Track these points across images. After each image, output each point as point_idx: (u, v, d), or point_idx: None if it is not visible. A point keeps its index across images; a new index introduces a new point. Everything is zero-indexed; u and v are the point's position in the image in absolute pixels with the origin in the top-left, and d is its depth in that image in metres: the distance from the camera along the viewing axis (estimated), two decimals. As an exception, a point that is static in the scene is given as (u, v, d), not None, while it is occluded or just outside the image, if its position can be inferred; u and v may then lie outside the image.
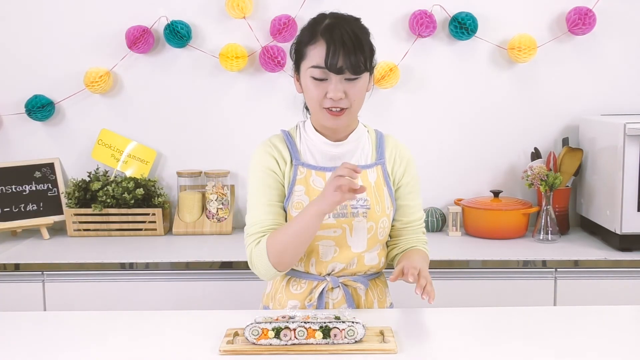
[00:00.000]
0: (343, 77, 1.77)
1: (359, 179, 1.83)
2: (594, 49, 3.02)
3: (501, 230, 2.87)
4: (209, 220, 3.02)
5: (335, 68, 1.75)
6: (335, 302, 1.91)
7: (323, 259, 1.89)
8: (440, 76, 3.06)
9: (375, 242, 1.90)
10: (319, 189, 1.86)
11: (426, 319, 1.78)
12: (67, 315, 1.95)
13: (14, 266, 2.61)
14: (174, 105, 3.09)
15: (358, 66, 1.76)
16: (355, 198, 1.79)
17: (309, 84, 1.80)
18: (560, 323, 1.83)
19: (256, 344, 1.62)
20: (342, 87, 1.78)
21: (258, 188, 1.88)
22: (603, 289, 2.59)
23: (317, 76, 1.78)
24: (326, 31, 1.77)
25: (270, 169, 1.88)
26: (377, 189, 1.90)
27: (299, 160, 1.89)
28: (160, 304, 2.58)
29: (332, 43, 1.75)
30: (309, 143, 1.90)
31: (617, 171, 2.64)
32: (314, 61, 1.78)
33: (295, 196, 1.87)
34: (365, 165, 1.91)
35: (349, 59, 1.75)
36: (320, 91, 1.79)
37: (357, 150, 1.90)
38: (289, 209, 1.87)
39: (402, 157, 1.95)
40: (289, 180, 1.88)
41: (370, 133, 1.96)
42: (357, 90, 1.80)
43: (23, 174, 3.03)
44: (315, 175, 1.88)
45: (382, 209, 1.89)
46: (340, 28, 1.77)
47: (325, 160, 1.89)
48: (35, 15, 3.03)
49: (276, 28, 2.94)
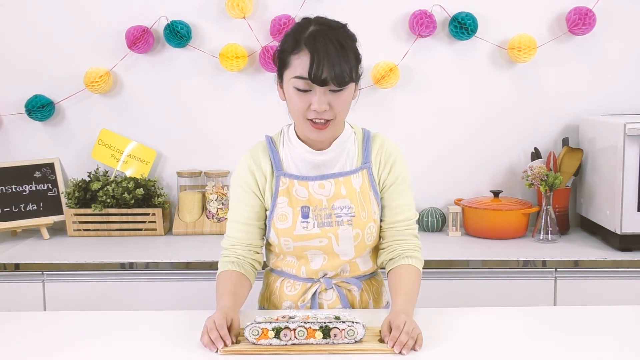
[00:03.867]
0: (327, 89, 1.72)
1: (342, 187, 1.84)
2: (594, 49, 3.02)
3: (501, 230, 2.87)
4: (209, 220, 3.02)
5: (319, 80, 1.69)
6: (329, 304, 1.91)
7: (312, 266, 1.89)
8: (440, 76, 3.05)
9: (364, 248, 1.89)
10: (302, 198, 1.85)
11: (426, 319, 1.78)
12: (67, 315, 1.95)
13: (14, 266, 2.61)
14: (174, 105, 3.09)
15: (343, 78, 1.70)
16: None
17: (292, 95, 1.75)
18: (560, 323, 1.83)
19: (256, 344, 1.62)
20: (327, 99, 1.72)
21: (236, 205, 1.91)
22: (603, 289, 2.59)
23: (301, 87, 1.72)
24: (310, 40, 1.71)
25: (249, 187, 1.88)
26: (362, 194, 1.86)
27: (280, 170, 1.87)
28: (160, 304, 2.58)
29: (315, 53, 1.68)
30: (292, 151, 1.87)
31: (617, 171, 2.64)
32: (297, 72, 1.72)
33: (278, 208, 1.86)
34: (350, 170, 1.86)
35: (334, 70, 1.69)
36: (303, 102, 1.74)
37: (341, 157, 1.86)
38: (274, 220, 1.86)
39: (387, 158, 1.89)
40: (271, 192, 1.87)
41: (357, 134, 1.90)
42: (341, 102, 1.75)
43: (23, 174, 3.03)
44: (298, 185, 1.86)
45: (368, 214, 1.86)
46: (325, 37, 1.70)
47: (309, 168, 1.86)
48: (35, 16, 3.03)
49: (276, 28, 2.94)
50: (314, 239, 1.85)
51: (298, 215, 1.84)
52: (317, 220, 1.84)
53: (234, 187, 1.91)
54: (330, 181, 1.85)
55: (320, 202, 1.85)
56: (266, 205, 1.89)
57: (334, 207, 1.84)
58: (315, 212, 1.84)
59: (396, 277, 1.84)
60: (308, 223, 1.84)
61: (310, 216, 1.84)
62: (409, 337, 1.61)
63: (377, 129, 1.99)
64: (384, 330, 1.66)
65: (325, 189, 1.85)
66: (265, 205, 1.89)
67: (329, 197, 1.85)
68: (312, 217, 1.84)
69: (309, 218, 1.84)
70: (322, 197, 1.85)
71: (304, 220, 1.84)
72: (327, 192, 1.85)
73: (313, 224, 1.84)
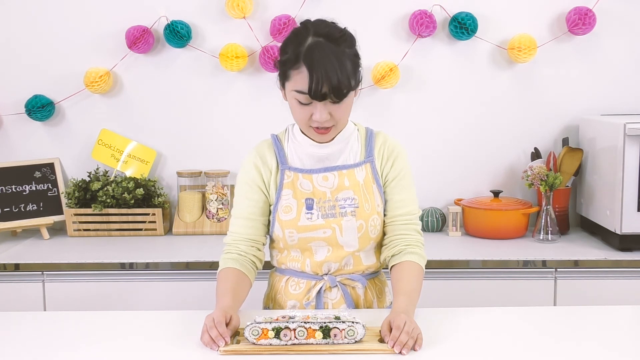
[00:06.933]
0: (327, 101, 1.76)
1: (345, 179, 1.86)
2: (594, 49, 3.02)
3: (501, 230, 2.87)
4: (209, 220, 3.02)
5: (318, 96, 1.73)
6: (334, 302, 1.92)
7: (317, 258, 1.90)
8: (440, 76, 3.05)
9: (368, 240, 1.90)
10: (307, 191, 1.87)
11: (426, 319, 1.78)
12: (67, 315, 1.95)
13: (14, 266, 2.61)
14: (174, 105, 3.09)
15: (341, 91, 1.74)
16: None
17: (295, 105, 1.80)
18: (560, 323, 1.83)
19: (256, 344, 1.62)
20: (327, 110, 1.77)
21: (240, 201, 1.93)
22: (603, 289, 2.59)
23: (302, 101, 1.77)
24: (308, 56, 1.73)
25: (255, 182, 1.91)
26: (365, 187, 1.89)
27: (285, 164, 1.90)
28: (160, 304, 2.58)
29: (314, 71, 1.72)
30: (296, 146, 1.91)
31: (617, 171, 2.64)
32: (297, 86, 1.75)
33: (283, 200, 1.89)
34: (353, 164, 1.90)
35: (331, 84, 1.72)
36: (305, 113, 1.79)
37: (344, 150, 1.90)
38: (278, 213, 1.89)
39: (390, 153, 1.92)
40: (275, 185, 1.90)
41: (360, 131, 1.95)
42: (342, 110, 1.79)
43: (23, 174, 3.03)
44: (302, 178, 1.89)
45: (371, 206, 1.88)
46: (321, 51, 1.72)
47: (313, 162, 1.89)
48: (35, 16, 3.03)
49: (276, 28, 2.94)
50: (318, 230, 1.86)
51: (302, 207, 1.87)
52: (321, 212, 1.87)
53: (239, 184, 1.93)
54: (334, 173, 1.88)
55: (324, 194, 1.87)
56: (270, 200, 1.91)
57: (338, 198, 1.87)
58: (320, 204, 1.87)
59: (398, 275, 1.85)
60: (312, 214, 1.87)
61: (314, 208, 1.87)
62: (409, 337, 1.62)
63: (377, 128, 1.99)
64: (383, 329, 1.66)
65: (329, 181, 1.88)
66: (270, 200, 1.91)
67: (332, 189, 1.87)
68: (316, 209, 1.87)
69: (313, 210, 1.87)
70: (326, 189, 1.87)
71: (308, 211, 1.87)
72: (330, 185, 1.88)
73: (317, 215, 1.86)
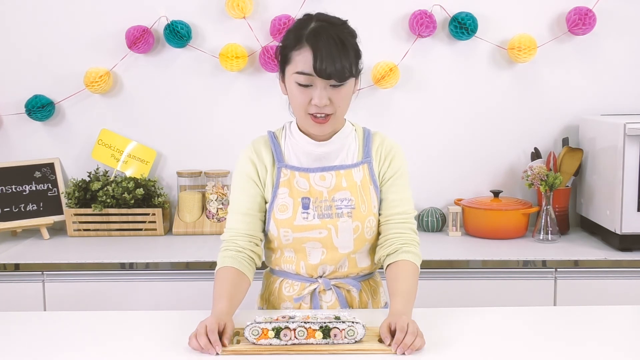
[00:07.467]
0: (328, 84, 1.76)
1: (343, 180, 1.86)
2: (594, 49, 3.02)
3: (501, 230, 2.87)
4: (209, 220, 3.02)
5: (322, 73, 1.73)
6: (329, 305, 1.91)
7: (311, 261, 1.89)
8: (440, 76, 3.05)
9: (363, 242, 1.89)
10: (303, 190, 1.87)
11: (426, 319, 1.78)
12: (67, 315, 1.95)
13: (14, 266, 2.61)
14: (174, 105, 3.09)
15: (343, 73, 1.74)
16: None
17: (294, 90, 1.79)
18: (560, 323, 1.83)
19: (256, 344, 1.62)
20: (327, 94, 1.76)
21: (237, 196, 1.92)
22: (603, 289, 2.59)
23: (302, 82, 1.76)
24: (311, 36, 1.74)
25: (250, 177, 1.90)
26: (362, 188, 1.88)
27: (282, 162, 1.89)
28: (160, 304, 2.58)
29: (317, 49, 1.73)
30: (293, 144, 1.90)
31: (617, 171, 2.64)
32: (298, 67, 1.76)
33: (279, 198, 1.88)
34: (350, 164, 1.89)
35: (334, 65, 1.72)
36: (305, 97, 1.78)
37: (342, 150, 1.89)
38: (274, 211, 1.87)
39: (387, 153, 1.92)
40: (272, 183, 1.89)
41: (358, 131, 1.94)
42: (342, 97, 1.79)
43: (23, 174, 3.03)
44: (299, 176, 1.88)
45: (368, 208, 1.88)
46: (326, 33, 1.74)
47: (310, 160, 1.89)
48: (35, 16, 3.03)
49: (276, 28, 2.94)
50: (314, 230, 1.86)
51: (298, 206, 1.86)
52: (317, 212, 1.86)
53: (235, 179, 1.93)
54: (331, 173, 1.88)
55: (320, 194, 1.86)
56: (266, 197, 1.90)
57: (335, 199, 1.86)
58: (316, 203, 1.86)
59: (394, 275, 1.84)
60: (308, 214, 1.86)
61: (310, 207, 1.86)
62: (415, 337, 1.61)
63: (377, 128, 2.00)
64: (383, 332, 1.65)
65: (326, 181, 1.87)
66: (266, 197, 1.90)
67: (329, 189, 1.87)
68: (313, 208, 1.86)
69: (309, 209, 1.86)
70: (322, 188, 1.87)
71: (304, 211, 1.86)
72: (327, 184, 1.87)
73: (313, 215, 1.86)
